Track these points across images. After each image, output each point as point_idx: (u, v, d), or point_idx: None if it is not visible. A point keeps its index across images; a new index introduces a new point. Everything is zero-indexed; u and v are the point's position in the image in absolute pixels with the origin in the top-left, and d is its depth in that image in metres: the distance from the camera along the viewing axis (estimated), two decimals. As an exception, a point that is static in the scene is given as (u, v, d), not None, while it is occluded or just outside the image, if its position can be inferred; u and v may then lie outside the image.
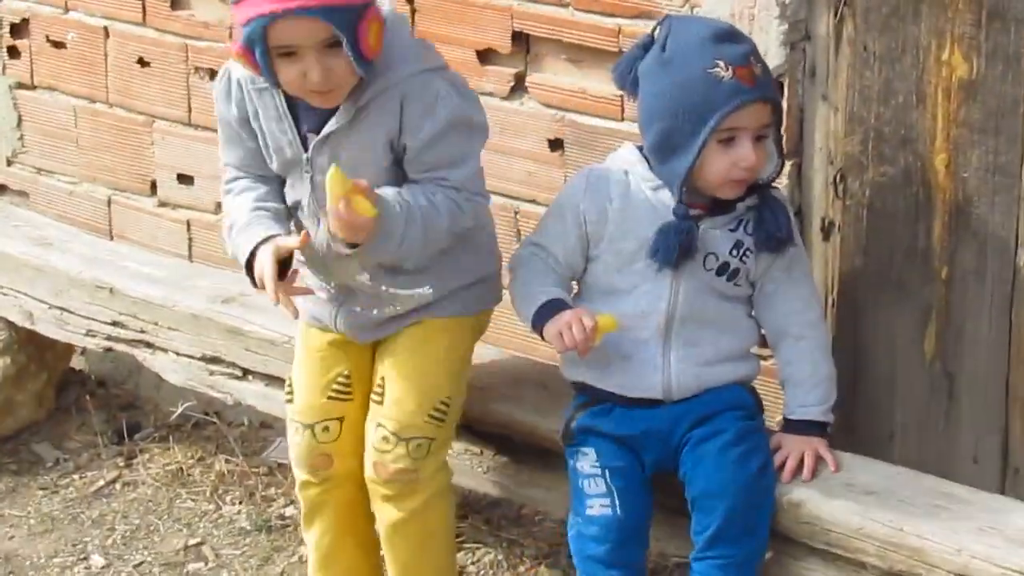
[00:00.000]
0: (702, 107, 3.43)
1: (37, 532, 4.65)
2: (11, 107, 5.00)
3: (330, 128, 3.43)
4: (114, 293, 4.64)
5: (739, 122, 3.43)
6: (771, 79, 3.55)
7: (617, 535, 3.63)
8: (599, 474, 3.67)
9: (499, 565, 4.37)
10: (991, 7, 3.54)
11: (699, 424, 3.61)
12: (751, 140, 3.47)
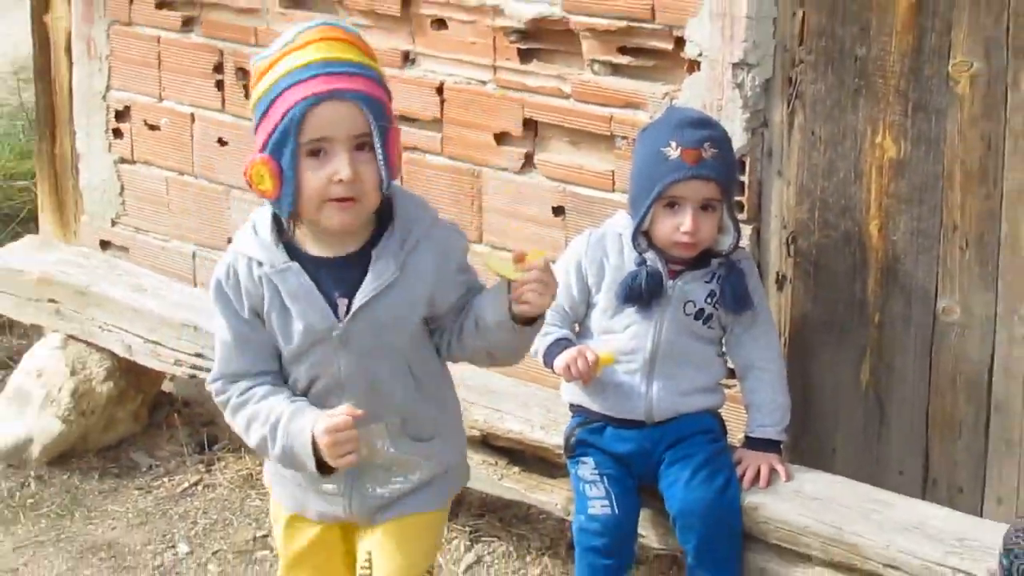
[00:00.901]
0: (651, 178, 3.52)
1: (134, 524, 4.64)
2: (115, 178, 5.00)
3: (372, 291, 2.85)
4: (197, 330, 4.64)
5: (680, 192, 3.49)
6: (724, 164, 3.57)
7: (615, 531, 3.66)
8: (598, 480, 3.70)
9: (510, 555, 4.37)
10: (915, 101, 3.57)
11: (674, 444, 3.68)
12: (693, 210, 3.51)
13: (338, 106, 2.67)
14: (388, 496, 3.05)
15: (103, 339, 4.93)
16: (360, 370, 2.90)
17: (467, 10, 4.13)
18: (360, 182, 2.69)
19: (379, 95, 2.76)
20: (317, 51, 2.71)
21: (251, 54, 4.50)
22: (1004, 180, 3.49)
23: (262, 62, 2.79)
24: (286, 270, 2.81)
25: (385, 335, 2.91)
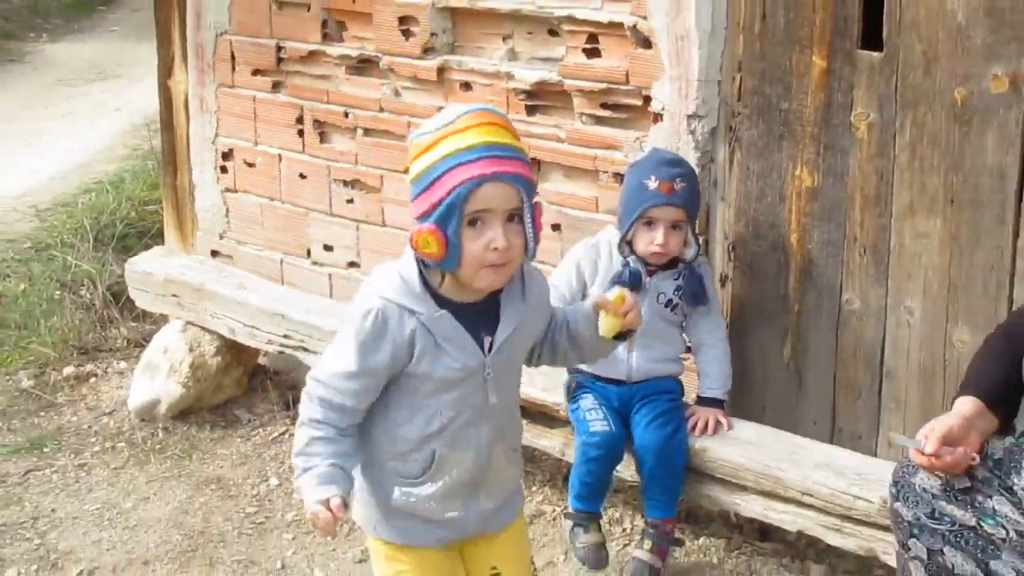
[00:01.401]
0: (634, 203, 3.57)
1: (237, 463, 4.66)
2: (222, 203, 5.02)
3: (509, 329, 2.66)
4: (284, 317, 4.66)
5: (656, 214, 3.55)
6: (691, 194, 3.59)
7: (611, 442, 3.69)
8: (597, 407, 3.75)
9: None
10: (825, 143, 3.59)
11: (644, 399, 3.72)
12: (665, 228, 3.56)
13: (498, 185, 2.48)
14: (495, 507, 2.80)
15: (213, 324, 4.95)
16: (500, 398, 2.70)
17: (486, 76, 4.14)
18: (512, 249, 2.51)
19: (529, 176, 2.57)
20: (478, 135, 2.51)
21: (324, 110, 4.57)
22: (893, 203, 3.50)
23: (422, 139, 2.57)
24: (440, 317, 2.58)
25: (514, 365, 2.77)
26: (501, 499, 2.80)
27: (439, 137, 2.54)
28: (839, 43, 3.50)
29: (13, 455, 4.74)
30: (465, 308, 2.61)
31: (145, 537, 4.18)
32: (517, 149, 2.56)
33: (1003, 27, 3.22)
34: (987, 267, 3.38)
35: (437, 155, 2.53)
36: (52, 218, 7.19)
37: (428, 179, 2.53)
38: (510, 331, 2.66)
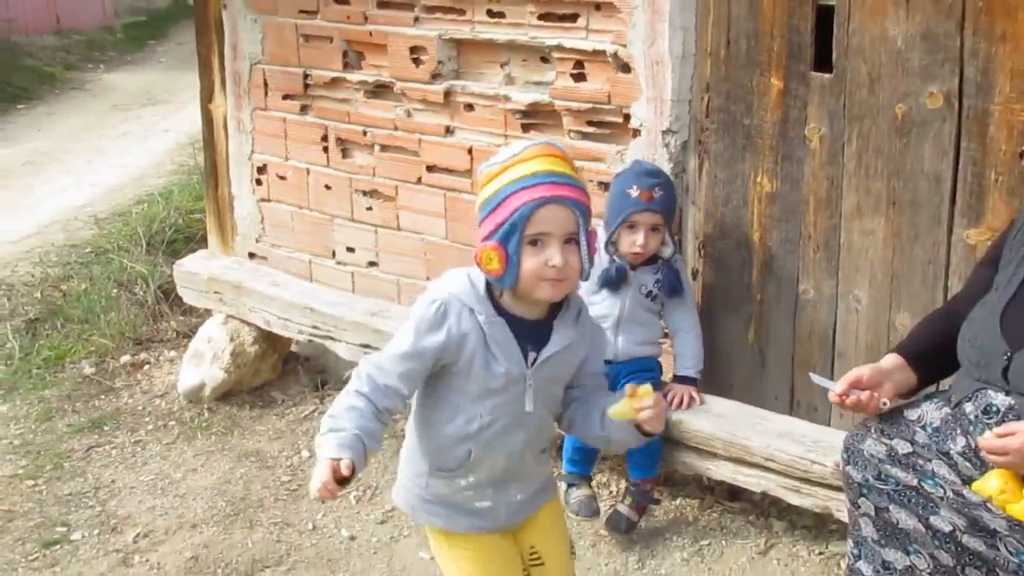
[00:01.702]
0: (618, 209, 3.56)
1: (272, 438, 4.65)
2: (257, 211, 5.02)
3: (556, 348, 2.59)
4: (313, 310, 4.66)
5: (637, 219, 3.55)
6: (668, 201, 3.58)
7: None
8: None
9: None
10: (783, 154, 3.57)
11: (628, 376, 3.66)
12: (645, 231, 3.56)
13: (557, 208, 2.42)
14: (524, 498, 2.74)
15: (251, 317, 4.94)
16: (537, 411, 2.61)
17: (487, 98, 4.13)
18: (568, 268, 2.44)
19: (586, 203, 2.50)
20: (541, 164, 2.46)
21: (346, 129, 4.57)
22: (842, 205, 3.50)
23: (491, 168, 2.52)
24: (496, 323, 2.53)
25: (555, 383, 2.67)
26: (531, 491, 2.74)
27: (506, 166, 2.49)
28: (794, 66, 3.50)
29: (77, 433, 4.74)
30: (520, 321, 2.56)
31: (193, 503, 4.18)
32: (575, 178, 2.51)
33: (937, 51, 3.23)
34: (925, 261, 3.38)
35: (503, 181, 2.49)
36: (110, 226, 7.23)
37: (494, 203, 2.48)
38: (557, 349, 2.59)
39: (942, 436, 2.89)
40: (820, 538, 3.69)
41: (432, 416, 2.63)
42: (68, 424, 4.83)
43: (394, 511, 4.03)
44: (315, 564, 3.77)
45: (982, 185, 3.24)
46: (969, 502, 2.73)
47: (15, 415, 4.92)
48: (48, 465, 4.49)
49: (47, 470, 4.45)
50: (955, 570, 2.77)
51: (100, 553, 3.89)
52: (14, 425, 4.84)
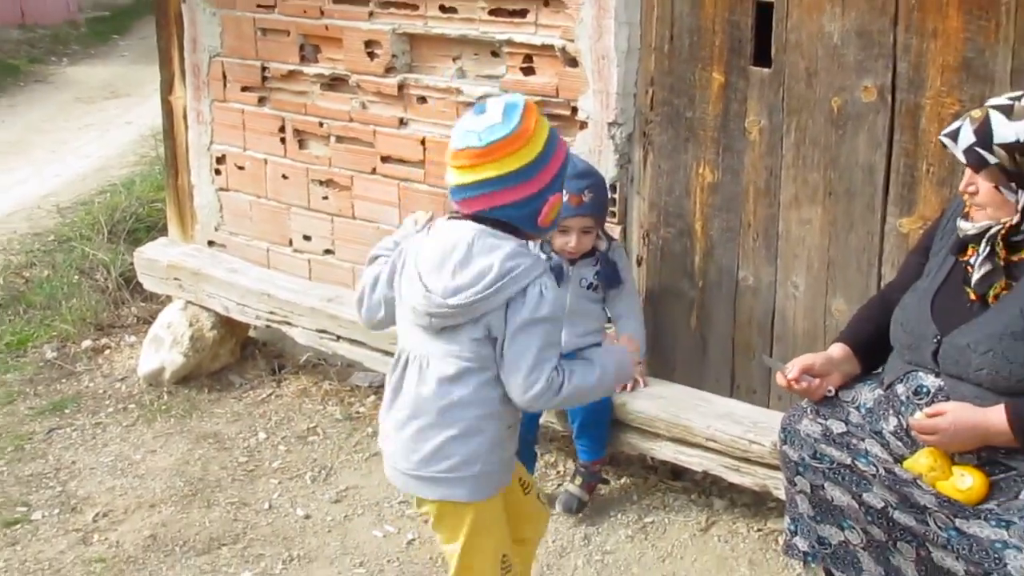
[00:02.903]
0: None
1: (231, 421, 4.61)
2: (216, 200, 4.98)
3: None
4: (270, 296, 4.62)
5: (568, 223, 3.48)
6: (598, 202, 3.56)
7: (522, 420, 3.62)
8: None
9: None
10: (724, 145, 3.57)
11: None
12: (576, 233, 3.54)
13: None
14: None
15: (210, 303, 4.88)
16: None
17: (439, 91, 4.11)
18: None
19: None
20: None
21: (303, 121, 4.53)
22: (780, 195, 3.51)
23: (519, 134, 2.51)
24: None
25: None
26: None
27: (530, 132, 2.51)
28: (734, 61, 3.50)
29: (38, 416, 4.68)
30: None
31: (152, 484, 4.13)
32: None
33: (871, 46, 3.24)
34: (860, 249, 3.40)
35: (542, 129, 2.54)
36: (72, 215, 7.13)
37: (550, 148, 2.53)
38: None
39: (875, 416, 2.91)
40: (759, 515, 3.70)
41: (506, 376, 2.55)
42: (30, 407, 4.76)
43: (347, 490, 4.02)
44: (271, 542, 3.74)
45: (914, 176, 3.25)
46: (900, 479, 2.74)
47: (-24, 399, 4.86)
48: (9, 447, 4.42)
49: (8, 451, 4.38)
50: (887, 544, 2.79)
51: (60, 532, 3.84)
52: (-25, 409, 4.77)
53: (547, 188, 2.53)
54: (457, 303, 2.47)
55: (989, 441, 2.67)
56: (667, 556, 3.56)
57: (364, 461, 4.22)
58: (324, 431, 4.47)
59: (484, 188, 2.48)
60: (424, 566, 3.56)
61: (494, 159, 2.46)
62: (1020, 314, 2.65)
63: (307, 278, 4.70)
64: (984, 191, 2.71)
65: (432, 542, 3.66)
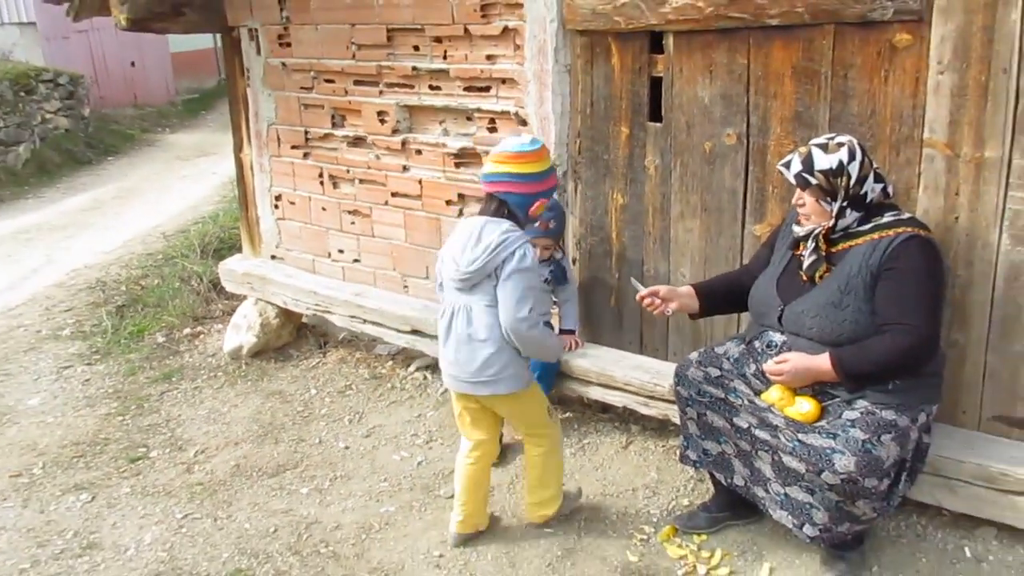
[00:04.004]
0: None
1: (290, 382, 4.58)
2: (276, 227, 4.93)
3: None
4: (316, 293, 4.58)
5: (536, 242, 3.47)
6: (559, 227, 3.57)
7: None
8: None
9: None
10: (630, 179, 3.55)
11: None
12: (541, 249, 3.53)
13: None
14: None
15: (273, 299, 4.83)
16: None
17: (431, 145, 4.08)
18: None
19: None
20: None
21: (335, 169, 4.50)
22: (671, 212, 3.50)
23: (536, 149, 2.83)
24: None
25: None
26: None
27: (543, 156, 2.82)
28: (636, 118, 3.50)
29: (153, 383, 4.64)
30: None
31: (236, 428, 4.10)
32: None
33: (732, 105, 3.24)
34: (727, 248, 3.40)
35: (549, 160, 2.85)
36: (175, 240, 7.10)
37: (549, 172, 2.82)
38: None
39: (740, 364, 2.93)
40: (663, 436, 3.72)
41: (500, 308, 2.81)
42: (147, 377, 4.71)
43: (375, 428, 4.00)
44: (321, 466, 3.73)
45: (764, 195, 3.26)
46: (759, 407, 2.76)
47: (109, 371, 4.80)
48: (133, 406, 4.38)
49: (132, 409, 4.34)
50: (751, 453, 2.81)
51: (170, 464, 3.81)
52: (108, 379, 4.71)
53: (541, 192, 2.82)
54: (474, 268, 2.75)
55: (819, 378, 2.70)
56: (599, 466, 3.58)
57: (386, 407, 4.21)
58: (357, 387, 4.45)
59: (508, 178, 2.78)
60: (430, 479, 3.56)
61: (520, 162, 2.78)
62: (837, 289, 2.68)
63: (341, 279, 4.67)
64: (809, 204, 2.73)
65: (436, 461, 3.66)
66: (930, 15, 2.75)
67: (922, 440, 2.76)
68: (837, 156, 2.64)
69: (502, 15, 3.66)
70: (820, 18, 2.93)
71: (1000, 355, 2.87)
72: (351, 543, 3.17)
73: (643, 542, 3.05)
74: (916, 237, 2.63)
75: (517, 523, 3.21)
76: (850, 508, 2.62)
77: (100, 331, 5.32)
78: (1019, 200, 2.73)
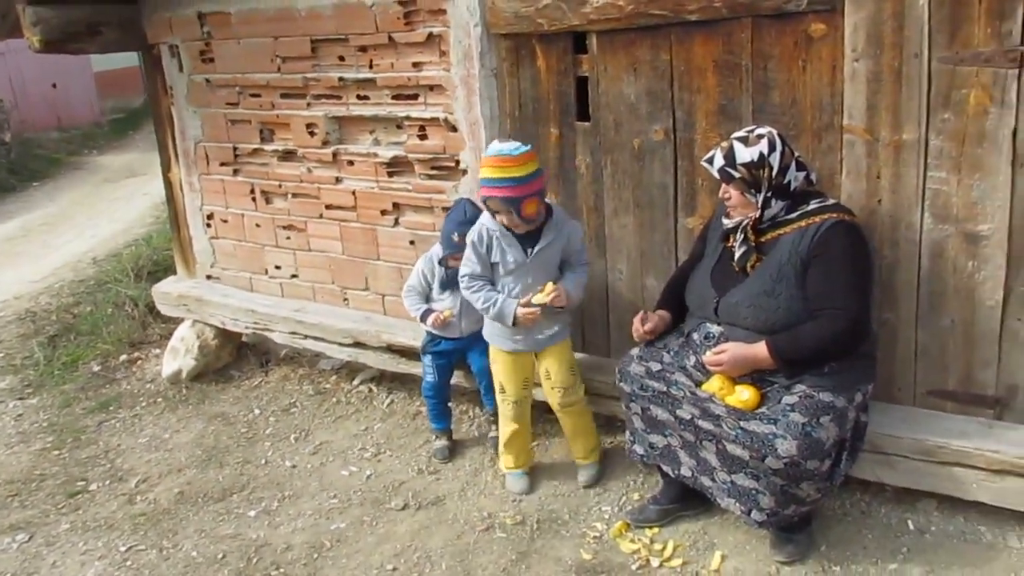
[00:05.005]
0: (446, 245, 3.51)
1: (233, 403, 4.51)
2: (209, 246, 4.86)
3: (544, 244, 3.14)
4: (254, 311, 4.52)
5: (456, 256, 3.42)
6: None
7: (436, 388, 3.71)
8: (431, 362, 3.68)
9: (406, 397, 4.29)
10: (563, 178, 3.55)
11: (474, 344, 3.60)
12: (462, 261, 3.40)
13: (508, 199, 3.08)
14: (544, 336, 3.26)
15: (211, 320, 4.75)
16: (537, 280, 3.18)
17: (362, 156, 4.06)
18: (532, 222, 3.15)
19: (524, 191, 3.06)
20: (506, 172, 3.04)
21: (266, 184, 4.45)
22: (605, 210, 3.52)
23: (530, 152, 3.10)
24: (504, 234, 3.15)
25: (549, 264, 3.20)
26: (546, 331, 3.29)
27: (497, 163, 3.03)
28: (565, 119, 3.51)
29: (90, 414, 4.53)
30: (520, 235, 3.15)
31: (178, 454, 4.02)
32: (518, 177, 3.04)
33: (657, 102, 3.28)
34: (661, 242, 3.43)
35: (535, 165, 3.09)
36: (107, 264, 6.94)
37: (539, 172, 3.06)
38: (543, 246, 3.14)
39: (680, 356, 2.96)
40: (611, 431, 3.73)
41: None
42: (83, 408, 4.60)
43: (321, 444, 3.96)
44: (268, 487, 3.67)
45: (694, 189, 3.30)
46: (700, 398, 2.80)
47: (43, 405, 4.67)
48: (69, 439, 4.27)
49: (68, 442, 4.23)
50: (696, 444, 2.85)
51: (111, 496, 3.72)
52: (42, 412, 4.58)
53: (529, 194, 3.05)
54: None
55: (757, 366, 2.75)
56: (550, 466, 3.58)
57: (332, 422, 4.17)
58: (302, 404, 4.40)
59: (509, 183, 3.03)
60: (380, 492, 3.53)
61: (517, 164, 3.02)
62: (769, 278, 2.73)
63: (280, 296, 4.62)
64: (735, 197, 2.78)
65: (385, 474, 3.64)
66: (843, 4, 2.82)
67: (860, 419, 2.83)
68: (758, 148, 2.69)
69: (426, 21, 3.65)
70: (738, 12, 2.99)
71: (929, 331, 2.95)
72: (302, 563, 3.14)
73: (596, 539, 3.07)
74: (842, 222, 2.69)
75: (470, 530, 3.21)
76: (795, 491, 2.67)
77: (32, 363, 5.18)
78: (937, 180, 2.81)
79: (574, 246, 3.24)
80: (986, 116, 2.68)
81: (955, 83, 2.70)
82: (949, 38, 2.68)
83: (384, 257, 4.16)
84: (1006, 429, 2.87)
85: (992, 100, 2.66)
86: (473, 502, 3.37)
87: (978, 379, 2.92)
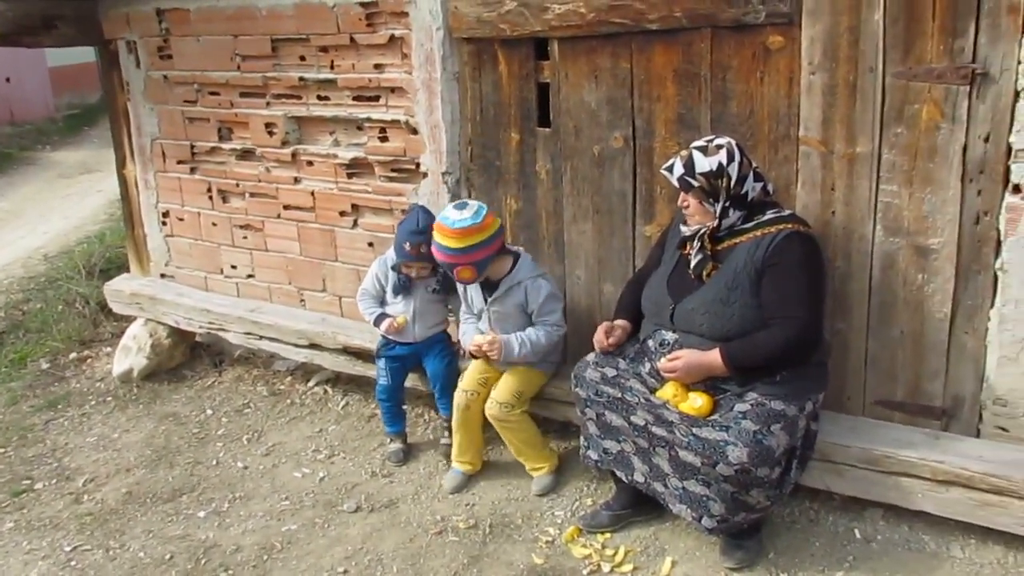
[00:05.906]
0: (398, 253, 3.50)
1: (185, 403, 4.43)
2: (164, 244, 4.78)
3: (496, 295, 3.30)
4: (209, 311, 4.45)
5: (409, 264, 3.50)
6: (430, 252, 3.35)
7: (390, 391, 3.70)
8: (384, 367, 3.66)
9: (361, 399, 4.25)
10: (523, 184, 3.55)
11: (429, 348, 3.63)
12: (416, 269, 3.51)
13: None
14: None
15: (164, 319, 4.67)
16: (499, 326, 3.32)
17: (321, 156, 4.02)
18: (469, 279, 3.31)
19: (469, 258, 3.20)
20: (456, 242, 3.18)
21: (224, 183, 4.39)
22: (564, 215, 3.52)
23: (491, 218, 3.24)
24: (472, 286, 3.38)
25: (506, 311, 3.31)
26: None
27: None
28: (526, 124, 3.51)
29: (37, 412, 4.42)
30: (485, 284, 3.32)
31: (127, 454, 3.95)
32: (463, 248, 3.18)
33: (618, 109, 3.29)
34: (619, 249, 3.44)
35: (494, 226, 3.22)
36: (58, 261, 6.77)
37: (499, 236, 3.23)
38: (498, 295, 3.29)
39: (635, 363, 2.97)
40: (566, 436, 3.73)
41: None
42: (30, 405, 4.49)
43: (274, 446, 3.91)
44: (219, 488, 3.61)
45: (652, 197, 3.31)
46: (654, 405, 2.81)
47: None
48: (15, 436, 4.16)
49: (14, 440, 4.13)
50: (649, 450, 2.85)
51: (57, 496, 3.64)
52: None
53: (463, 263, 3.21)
54: None
55: (711, 373, 2.76)
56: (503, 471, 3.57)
57: (286, 424, 4.12)
58: (255, 404, 4.34)
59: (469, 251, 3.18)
60: (332, 494, 3.49)
61: (456, 237, 3.16)
62: (724, 286, 2.75)
63: (235, 296, 4.56)
64: (693, 205, 2.80)
65: (338, 476, 3.59)
66: (800, 18, 2.85)
67: (810, 427, 2.86)
68: (717, 158, 2.71)
69: (388, 24, 3.63)
70: (697, 22, 3.01)
71: (880, 341, 2.99)
72: (252, 565, 3.08)
73: (548, 544, 3.06)
74: (796, 233, 2.72)
75: (423, 533, 3.18)
76: (745, 498, 2.69)
77: (-22, 361, 5.05)
78: (889, 193, 2.85)
79: (534, 303, 3.30)
80: (937, 131, 2.73)
81: (908, 98, 2.75)
82: (903, 54, 2.72)
83: (342, 259, 4.11)
84: (952, 440, 2.91)
85: (944, 116, 2.71)
86: (426, 505, 3.35)
87: (926, 390, 2.97)
